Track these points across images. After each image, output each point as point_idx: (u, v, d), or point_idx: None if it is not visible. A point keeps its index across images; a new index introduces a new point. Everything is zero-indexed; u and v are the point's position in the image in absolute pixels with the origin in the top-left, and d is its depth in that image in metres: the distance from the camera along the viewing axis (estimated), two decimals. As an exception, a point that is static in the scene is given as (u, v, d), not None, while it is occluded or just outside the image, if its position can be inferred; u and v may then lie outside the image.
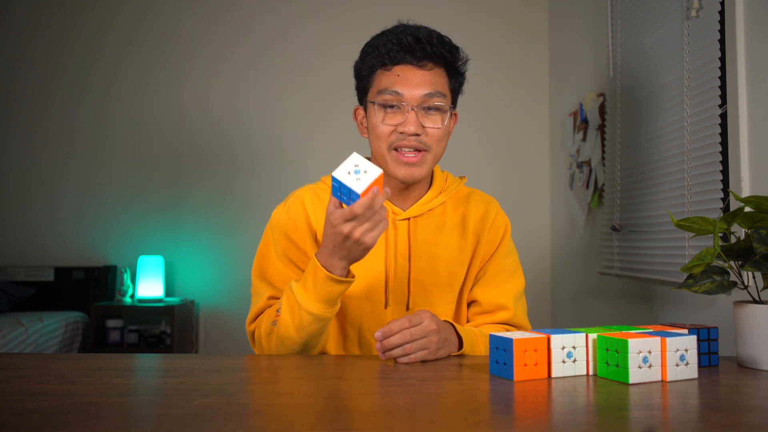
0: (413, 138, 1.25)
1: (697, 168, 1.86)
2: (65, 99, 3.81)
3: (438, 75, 1.27)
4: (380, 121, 1.27)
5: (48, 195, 3.78)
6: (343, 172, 1.03)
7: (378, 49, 1.27)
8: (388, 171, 1.30)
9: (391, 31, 1.28)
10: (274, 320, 1.20)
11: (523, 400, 0.83)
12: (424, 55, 1.25)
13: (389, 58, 1.26)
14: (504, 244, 1.39)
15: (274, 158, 3.74)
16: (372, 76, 1.29)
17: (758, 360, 1.03)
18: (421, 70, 1.26)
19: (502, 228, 1.39)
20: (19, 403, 0.81)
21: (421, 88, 1.25)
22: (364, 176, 1.02)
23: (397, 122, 1.26)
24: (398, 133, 1.26)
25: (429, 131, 1.26)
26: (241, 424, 0.72)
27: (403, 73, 1.25)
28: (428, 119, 1.26)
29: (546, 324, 3.52)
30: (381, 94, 1.26)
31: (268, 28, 3.79)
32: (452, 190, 1.37)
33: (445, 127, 1.28)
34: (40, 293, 3.64)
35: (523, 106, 3.70)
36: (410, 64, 1.25)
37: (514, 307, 1.35)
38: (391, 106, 1.26)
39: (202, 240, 3.71)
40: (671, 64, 2.03)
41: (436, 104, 1.26)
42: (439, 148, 1.29)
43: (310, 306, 1.14)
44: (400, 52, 1.25)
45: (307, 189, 1.38)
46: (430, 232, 1.34)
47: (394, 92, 1.25)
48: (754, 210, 1.04)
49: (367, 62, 1.29)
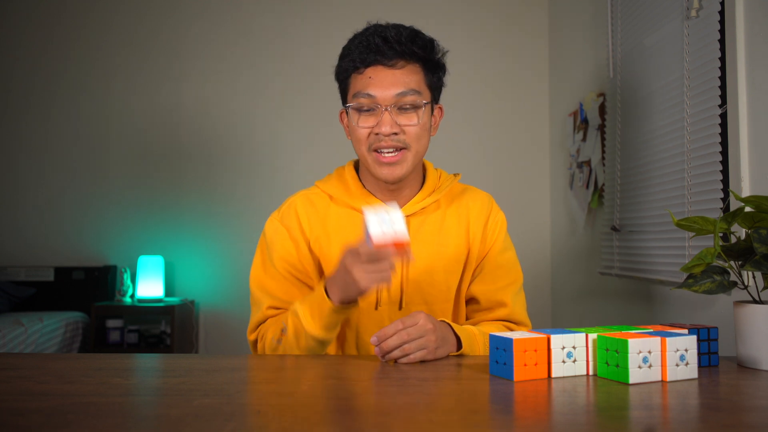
0: (390, 138, 1.25)
1: (697, 168, 1.86)
2: (65, 99, 3.81)
3: (411, 72, 1.27)
4: (356, 124, 1.27)
5: (48, 195, 3.78)
6: (375, 213, 1.03)
7: (351, 53, 1.28)
8: (370, 172, 1.30)
9: (361, 34, 1.29)
10: (279, 338, 1.23)
11: (523, 400, 0.83)
12: (394, 54, 1.25)
13: (360, 61, 1.26)
14: (501, 241, 1.39)
15: (274, 158, 3.74)
16: (347, 80, 1.30)
17: (758, 360, 1.03)
18: (392, 70, 1.25)
19: (499, 224, 1.39)
20: (19, 403, 0.81)
21: (393, 88, 1.25)
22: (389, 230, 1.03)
23: (373, 124, 1.26)
24: (375, 134, 1.26)
25: (406, 129, 1.26)
26: (241, 424, 0.72)
27: (375, 75, 1.25)
28: (403, 117, 1.26)
29: (546, 324, 3.52)
30: (356, 97, 1.27)
31: (268, 28, 3.79)
32: (445, 187, 1.37)
33: (422, 124, 1.28)
34: (40, 293, 3.64)
35: (523, 106, 3.70)
36: (381, 64, 1.25)
37: (512, 304, 1.35)
38: (366, 109, 1.26)
39: (202, 240, 3.71)
40: (671, 64, 2.03)
41: (411, 102, 1.26)
42: (419, 145, 1.29)
43: (315, 332, 1.17)
44: (369, 54, 1.25)
45: (301, 195, 1.38)
46: (424, 230, 1.34)
47: (367, 95, 1.25)
48: (754, 210, 1.04)
49: (342, 67, 1.30)
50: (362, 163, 1.32)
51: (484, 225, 1.38)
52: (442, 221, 1.36)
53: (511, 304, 1.35)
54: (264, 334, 1.28)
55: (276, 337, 1.23)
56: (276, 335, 1.23)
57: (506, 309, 1.35)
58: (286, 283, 1.31)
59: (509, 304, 1.35)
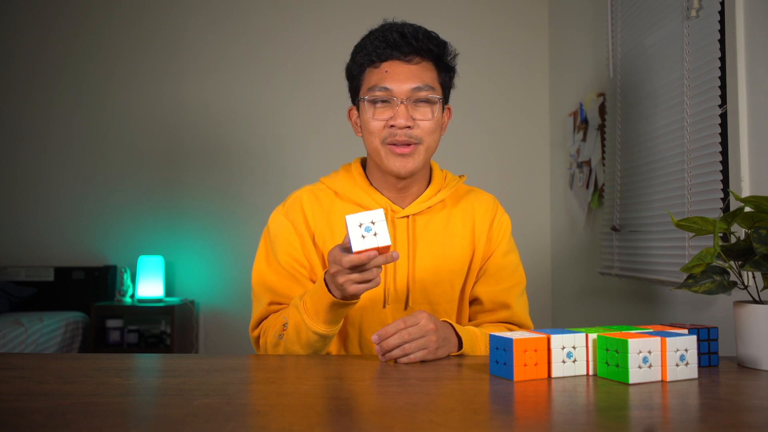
0: (404, 131, 1.26)
1: (697, 168, 1.86)
2: (65, 98, 3.81)
3: (426, 69, 1.29)
4: (371, 116, 1.28)
5: (48, 195, 3.78)
6: (356, 221, 1.02)
7: (366, 48, 1.30)
8: (382, 165, 1.30)
9: (377, 30, 1.31)
10: (281, 334, 1.22)
11: (523, 400, 0.83)
12: (410, 50, 1.27)
13: (377, 56, 1.28)
14: (505, 243, 1.39)
15: (275, 158, 3.74)
16: (362, 75, 1.32)
17: (758, 360, 1.03)
18: (409, 65, 1.28)
19: (503, 226, 1.40)
20: (19, 403, 0.81)
21: (409, 82, 1.27)
22: (371, 238, 1.02)
23: (388, 116, 1.28)
24: (389, 127, 1.27)
25: (420, 123, 1.28)
26: (241, 424, 0.72)
27: (391, 69, 1.28)
28: (418, 111, 1.28)
29: (546, 324, 3.52)
30: (371, 91, 1.28)
31: (267, 26, 3.79)
32: (451, 187, 1.38)
33: (435, 119, 1.29)
34: (40, 293, 3.64)
35: (523, 105, 3.70)
36: (397, 59, 1.28)
37: (515, 305, 1.35)
38: (381, 101, 1.28)
39: (202, 240, 3.71)
40: (671, 64, 2.03)
41: (426, 96, 1.28)
42: (431, 140, 1.30)
43: (316, 327, 1.17)
44: (386, 48, 1.27)
45: (306, 190, 1.38)
46: (430, 230, 1.34)
47: (384, 88, 1.27)
48: (754, 210, 1.04)
49: (357, 62, 1.32)
50: (373, 158, 1.32)
51: (489, 226, 1.38)
52: (448, 221, 1.36)
53: (514, 306, 1.35)
54: (266, 330, 1.28)
55: (278, 333, 1.23)
56: (278, 330, 1.23)
57: (509, 311, 1.35)
58: (288, 279, 1.31)
59: (512, 305, 1.35)
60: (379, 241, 1.02)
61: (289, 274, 1.31)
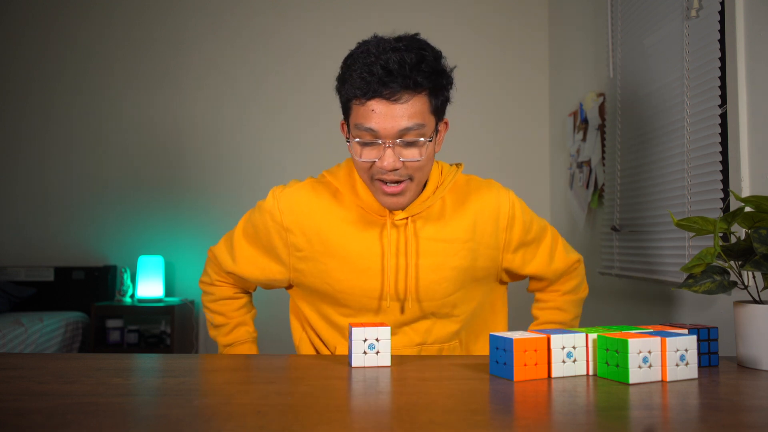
0: (392, 173, 1.22)
1: (697, 168, 1.86)
2: (64, 99, 3.81)
3: (416, 104, 1.19)
4: (359, 156, 1.23)
5: (48, 195, 3.78)
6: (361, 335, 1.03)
7: (352, 79, 1.19)
8: (375, 197, 1.29)
9: (362, 58, 1.19)
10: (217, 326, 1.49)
11: (523, 400, 0.83)
12: (397, 86, 1.16)
13: (362, 92, 1.17)
14: (520, 224, 1.37)
15: (274, 158, 3.74)
16: (348, 104, 1.23)
17: (758, 360, 1.03)
18: (395, 105, 1.17)
19: (510, 214, 1.37)
20: (19, 403, 0.81)
21: (396, 124, 1.18)
22: (372, 357, 1.04)
23: (375, 158, 1.21)
24: (377, 167, 1.22)
25: (408, 164, 1.22)
26: (241, 424, 0.72)
27: (378, 108, 1.18)
28: (407, 152, 1.21)
29: (546, 324, 3.51)
30: (357, 129, 1.21)
31: (260, 31, 3.79)
32: (449, 182, 1.34)
33: (426, 157, 1.23)
34: (40, 293, 3.64)
35: (523, 105, 3.70)
36: (383, 98, 1.17)
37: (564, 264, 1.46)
38: (368, 143, 1.21)
39: (202, 240, 3.71)
40: (671, 64, 2.03)
41: (414, 138, 1.20)
42: (422, 175, 1.26)
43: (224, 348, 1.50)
44: (372, 84, 1.16)
45: (306, 188, 1.36)
46: (430, 229, 1.32)
47: (369, 129, 1.19)
48: (754, 210, 1.04)
49: (343, 90, 1.23)
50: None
51: (494, 226, 1.35)
52: (448, 217, 1.33)
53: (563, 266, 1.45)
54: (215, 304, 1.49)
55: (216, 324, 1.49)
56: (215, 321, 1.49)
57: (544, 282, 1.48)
58: (251, 256, 1.39)
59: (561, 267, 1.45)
60: (380, 362, 1.03)
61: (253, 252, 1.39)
